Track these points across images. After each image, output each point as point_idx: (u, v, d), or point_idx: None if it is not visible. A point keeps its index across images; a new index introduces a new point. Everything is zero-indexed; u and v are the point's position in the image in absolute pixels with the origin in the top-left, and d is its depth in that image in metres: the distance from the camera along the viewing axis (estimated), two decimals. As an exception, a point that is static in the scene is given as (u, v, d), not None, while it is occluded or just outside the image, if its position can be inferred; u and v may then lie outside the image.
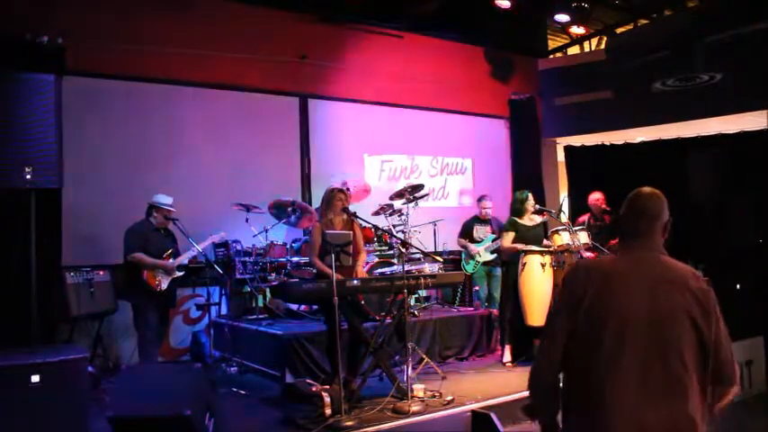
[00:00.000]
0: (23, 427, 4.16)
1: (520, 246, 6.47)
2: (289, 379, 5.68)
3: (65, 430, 4.31)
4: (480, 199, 7.94)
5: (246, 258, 7.13)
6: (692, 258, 5.80)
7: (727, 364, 2.15)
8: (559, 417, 2.29)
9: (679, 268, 2.23)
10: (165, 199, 6.04)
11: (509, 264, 6.68)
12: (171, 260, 5.94)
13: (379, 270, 6.80)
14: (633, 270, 2.22)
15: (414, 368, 5.41)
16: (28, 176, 4.85)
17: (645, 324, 2.11)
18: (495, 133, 10.68)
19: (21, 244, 5.52)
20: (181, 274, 6.04)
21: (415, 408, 4.76)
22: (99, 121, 7.18)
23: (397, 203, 7.57)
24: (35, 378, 4.20)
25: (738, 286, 8.00)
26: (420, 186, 7.58)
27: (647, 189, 2.39)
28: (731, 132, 9.25)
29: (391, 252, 7.29)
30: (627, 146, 10.21)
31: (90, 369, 5.26)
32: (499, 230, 7.38)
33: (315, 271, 5.67)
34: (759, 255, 8.45)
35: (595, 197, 8.04)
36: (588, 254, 6.70)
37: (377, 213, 7.48)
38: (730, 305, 2.60)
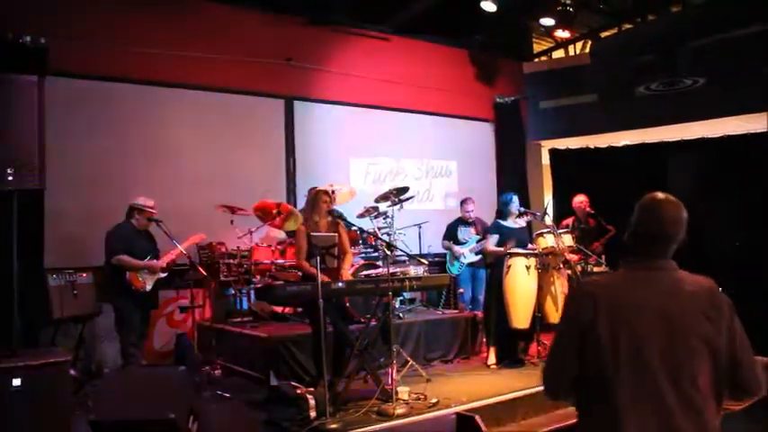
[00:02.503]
0: (4, 432, 4.13)
1: (507, 246, 6.48)
2: (273, 381, 5.66)
3: (46, 434, 4.28)
4: (463, 202, 7.95)
5: (231, 260, 7.10)
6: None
7: (749, 381, 2.10)
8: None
9: (694, 287, 2.15)
10: (147, 201, 6.02)
11: (493, 266, 6.70)
12: (155, 261, 5.93)
13: (365, 272, 6.79)
14: (643, 293, 2.13)
15: (398, 370, 5.40)
16: (10, 178, 4.79)
17: (658, 351, 2.04)
18: (481, 136, 10.72)
19: (2, 246, 5.45)
20: (165, 275, 6.03)
21: (399, 410, 4.75)
22: (82, 123, 7.11)
23: (383, 206, 7.58)
24: (16, 382, 4.16)
25: (720, 289, 8.04)
26: (405, 189, 7.59)
27: (660, 196, 2.25)
28: (714, 136, 9.34)
29: (376, 254, 7.30)
30: (611, 149, 10.29)
31: (72, 372, 5.21)
32: (483, 232, 7.41)
33: (300, 273, 5.65)
34: (740, 258, 8.51)
35: (579, 200, 8.08)
36: (572, 256, 6.74)
37: (362, 216, 7.48)
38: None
